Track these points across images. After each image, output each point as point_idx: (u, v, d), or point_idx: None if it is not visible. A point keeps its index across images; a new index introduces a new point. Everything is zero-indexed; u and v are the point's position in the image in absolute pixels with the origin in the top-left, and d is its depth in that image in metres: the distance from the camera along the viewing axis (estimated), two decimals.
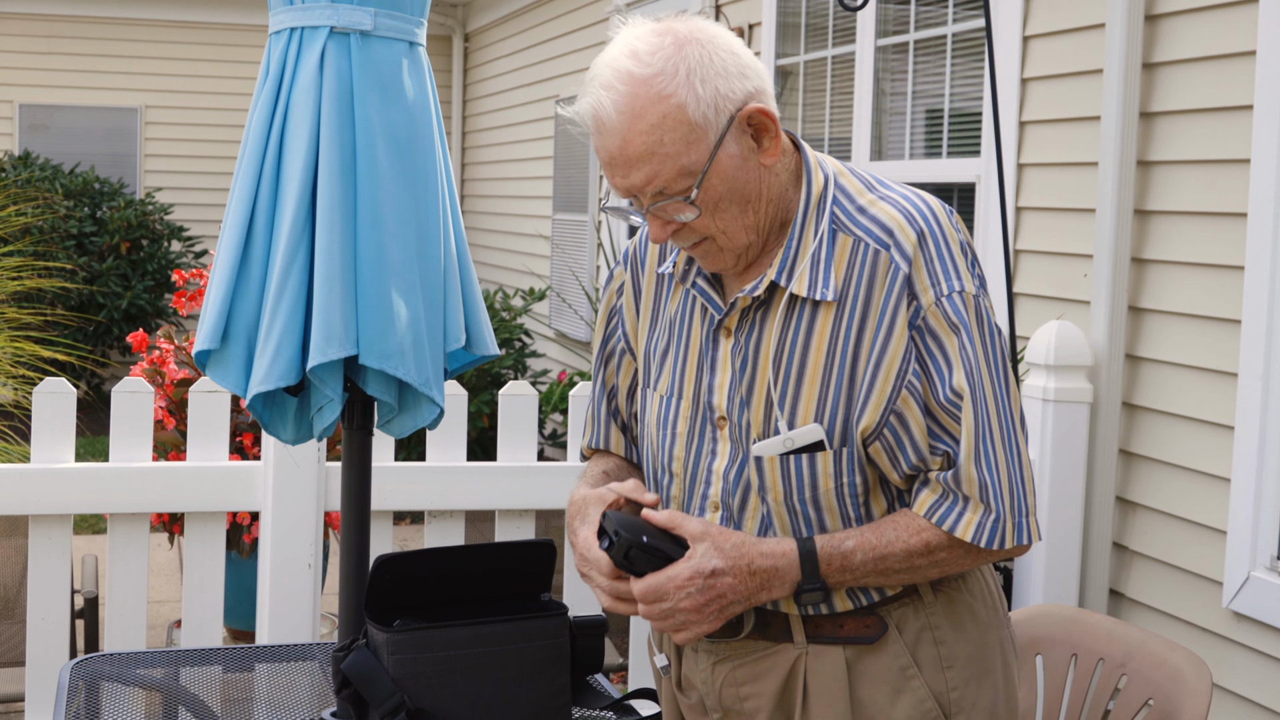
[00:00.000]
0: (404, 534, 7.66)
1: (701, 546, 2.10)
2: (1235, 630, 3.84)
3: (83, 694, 3.12)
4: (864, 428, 2.11)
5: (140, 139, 13.47)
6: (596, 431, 2.47)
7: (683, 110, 2.04)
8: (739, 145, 2.10)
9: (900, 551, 2.12)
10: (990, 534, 2.11)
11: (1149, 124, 4.24)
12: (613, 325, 2.41)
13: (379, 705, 2.74)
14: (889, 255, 2.10)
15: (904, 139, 5.81)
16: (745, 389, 2.17)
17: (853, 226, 2.14)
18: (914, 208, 2.14)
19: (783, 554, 2.12)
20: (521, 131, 11.37)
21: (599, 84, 2.07)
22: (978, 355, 2.10)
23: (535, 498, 4.44)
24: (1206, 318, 3.99)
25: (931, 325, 2.09)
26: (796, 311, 2.15)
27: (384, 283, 2.92)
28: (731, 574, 2.09)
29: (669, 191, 2.08)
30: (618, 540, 2.10)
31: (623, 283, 2.40)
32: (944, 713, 2.18)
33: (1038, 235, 4.75)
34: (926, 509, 2.12)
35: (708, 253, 2.16)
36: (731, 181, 2.10)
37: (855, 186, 2.19)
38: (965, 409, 2.09)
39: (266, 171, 2.97)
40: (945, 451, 2.11)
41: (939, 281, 2.10)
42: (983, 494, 2.10)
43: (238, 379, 2.96)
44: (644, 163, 2.06)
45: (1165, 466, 4.14)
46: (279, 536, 4.29)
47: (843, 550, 2.12)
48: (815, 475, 2.14)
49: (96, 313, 11.78)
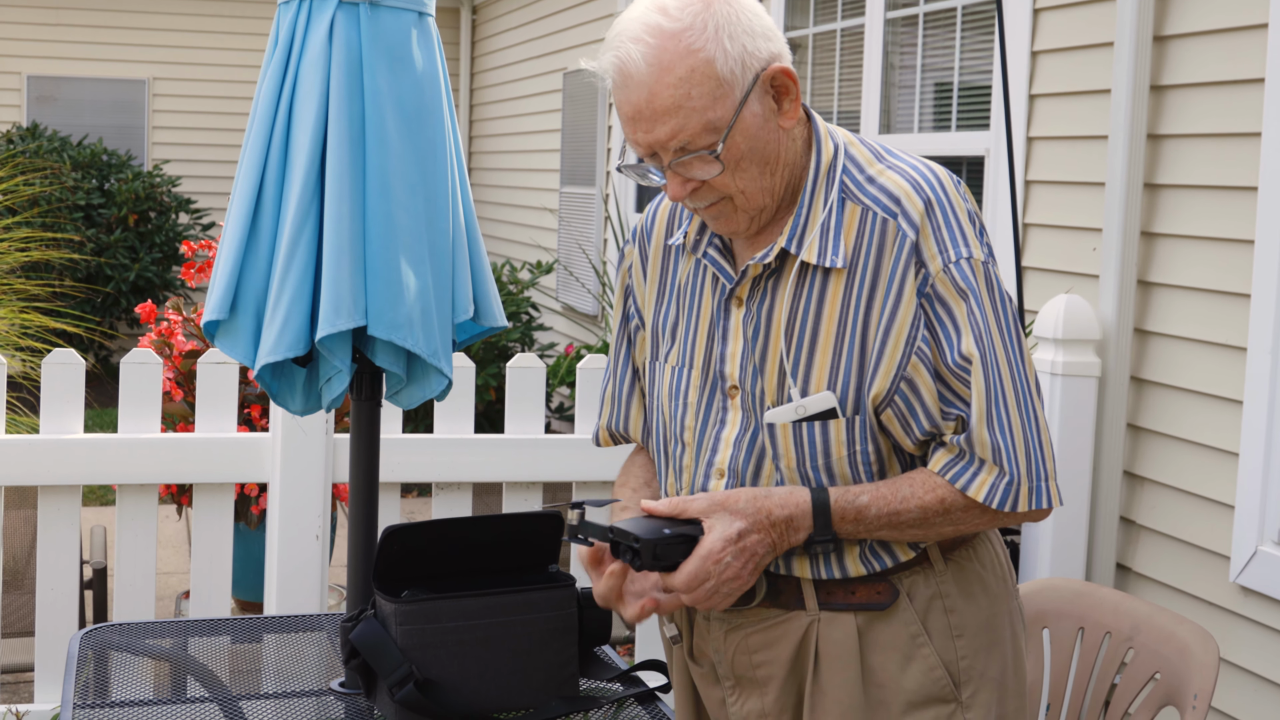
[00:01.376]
0: (411, 506, 7.67)
1: (716, 516, 2.10)
2: (1242, 604, 3.84)
3: (92, 663, 3.13)
4: (874, 395, 2.12)
5: (148, 111, 13.45)
6: (616, 412, 2.47)
7: (711, 65, 2.05)
8: (761, 105, 2.11)
9: (915, 507, 2.12)
10: (1003, 496, 2.11)
11: (1160, 97, 4.23)
12: (629, 303, 2.42)
13: (387, 675, 2.75)
14: (896, 224, 2.11)
15: (913, 112, 5.80)
16: (758, 357, 2.18)
17: (861, 195, 2.15)
18: (921, 176, 2.15)
19: (796, 504, 2.12)
20: (529, 104, 11.35)
21: (627, 37, 2.07)
22: (988, 320, 2.11)
23: (542, 470, 4.45)
24: (1216, 292, 3.98)
25: (940, 291, 2.10)
26: (808, 279, 2.15)
27: (393, 253, 2.92)
28: (756, 529, 2.10)
29: (692, 147, 2.08)
30: (641, 545, 2.10)
31: (632, 261, 2.41)
32: (953, 681, 2.19)
33: (1047, 209, 4.74)
34: (942, 466, 2.13)
35: (722, 213, 2.16)
36: (753, 140, 2.10)
37: (864, 156, 2.20)
38: (975, 373, 2.10)
39: (275, 142, 2.97)
40: (958, 416, 2.12)
41: (946, 248, 2.11)
42: (995, 457, 2.10)
43: (246, 350, 2.96)
44: (670, 116, 2.06)
45: (1173, 441, 4.13)
46: (287, 508, 4.30)
47: (857, 504, 2.13)
48: (828, 443, 2.15)
49: (104, 285, 11.78)
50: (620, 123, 2.14)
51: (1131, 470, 4.28)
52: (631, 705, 2.92)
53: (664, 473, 2.34)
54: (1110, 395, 4.26)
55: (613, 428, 2.48)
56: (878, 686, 2.19)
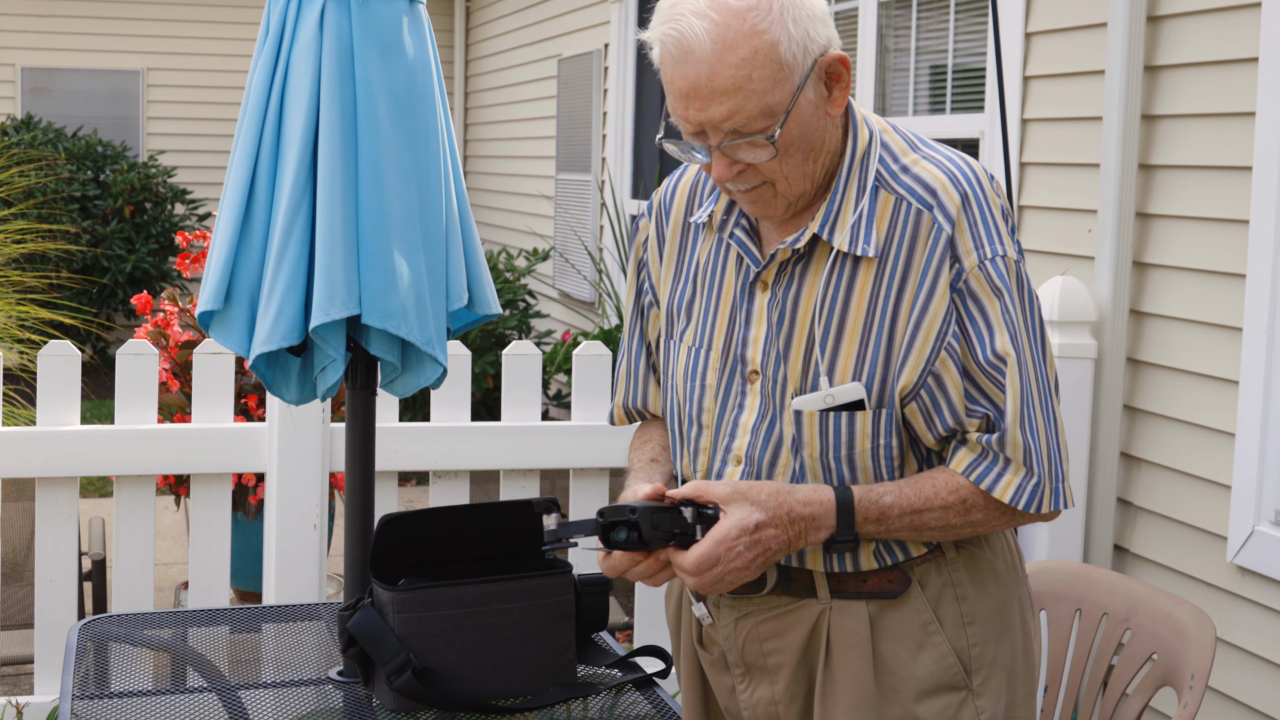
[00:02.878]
0: (409, 495, 7.68)
1: (735, 504, 2.08)
2: (1239, 585, 3.84)
3: (91, 654, 3.13)
4: (901, 387, 2.10)
5: (142, 101, 13.43)
6: (633, 388, 2.44)
7: (775, 48, 2.02)
8: (815, 92, 2.08)
9: (937, 508, 2.11)
10: (1030, 497, 2.11)
11: (1154, 78, 4.23)
12: (642, 278, 2.39)
13: (385, 663, 2.75)
14: (932, 215, 2.09)
15: (908, 95, 5.79)
16: (783, 343, 2.16)
17: (895, 184, 2.13)
18: (958, 169, 2.13)
19: (820, 502, 2.10)
20: (524, 91, 11.33)
21: (689, 9, 2.02)
22: (1019, 319, 2.10)
23: (539, 457, 4.45)
24: (1211, 272, 3.98)
25: (974, 288, 2.09)
26: (838, 267, 2.13)
27: (386, 242, 2.92)
28: (773, 524, 2.08)
29: (747, 130, 2.04)
30: (639, 513, 2.07)
31: (648, 235, 2.38)
32: (965, 669, 2.18)
33: (1042, 191, 4.74)
34: (965, 466, 2.12)
35: (761, 198, 2.14)
36: (804, 127, 2.08)
37: (899, 144, 2.17)
38: (1010, 373, 2.08)
39: (267, 131, 2.96)
40: (984, 414, 2.10)
41: (983, 244, 2.09)
42: (1026, 457, 2.10)
43: (241, 339, 2.96)
44: (728, 97, 2.02)
45: (1170, 422, 4.14)
46: (284, 497, 4.31)
47: (881, 504, 2.11)
48: (854, 434, 2.13)
49: (100, 276, 11.77)
50: (669, 97, 2.08)
51: (1128, 452, 4.28)
52: (630, 691, 2.92)
53: (678, 452, 2.31)
54: (1107, 377, 4.26)
55: (630, 404, 2.44)
56: (889, 674, 2.19)
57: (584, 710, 2.85)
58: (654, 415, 2.45)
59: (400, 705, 2.77)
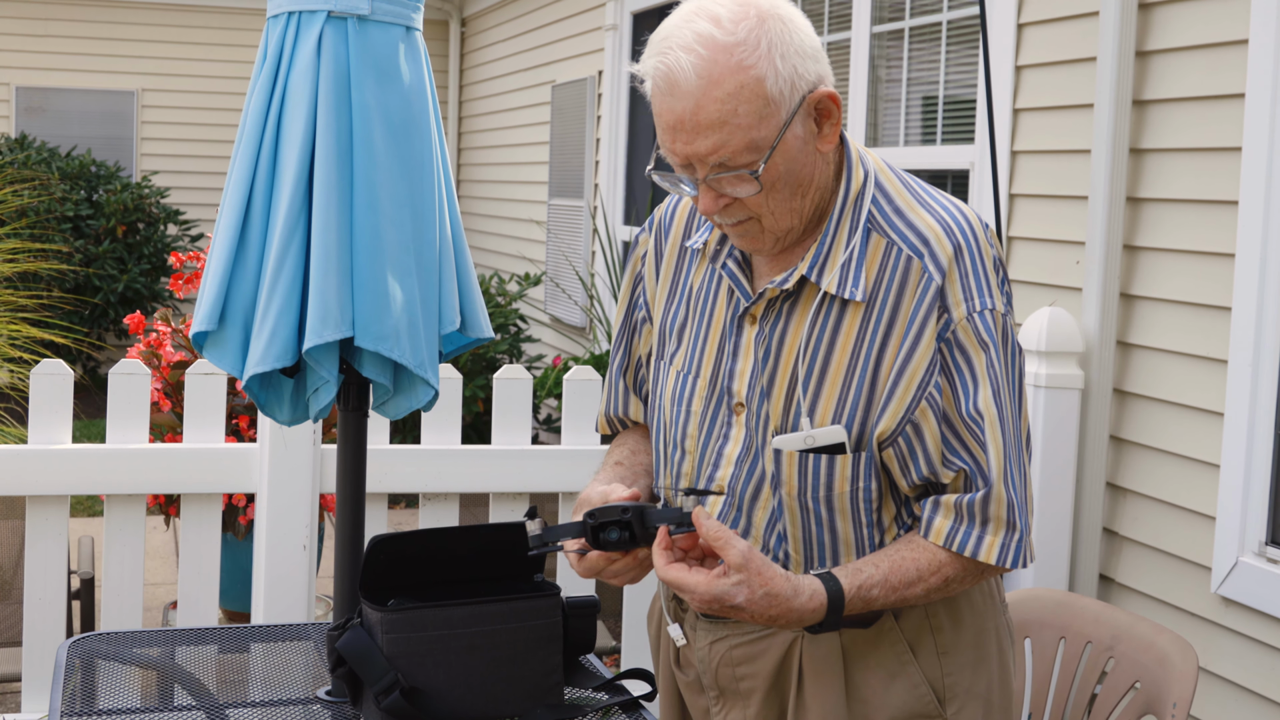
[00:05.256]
0: (398, 518, 7.69)
1: (735, 578, 2.04)
2: (1223, 615, 3.86)
3: (79, 672, 3.14)
4: (879, 433, 2.11)
5: (137, 122, 13.46)
6: (615, 399, 2.45)
7: (761, 83, 2.02)
8: (803, 128, 2.08)
9: (920, 591, 2.13)
10: (1015, 554, 2.12)
11: (1142, 111, 4.26)
12: (637, 294, 2.40)
13: (373, 684, 2.76)
14: (922, 264, 2.09)
15: (899, 126, 5.83)
16: (767, 380, 2.17)
17: (888, 229, 2.13)
18: (952, 219, 2.13)
19: (813, 609, 2.08)
20: (518, 117, 11.37)
21: (677, 44, 2.03)
22: (1002, 375, 2.11)
23: (529, 480, 4.46)
24: (1197, 305, 4.01)
25: (960, 340, 2.09)
26: (825, 309, 2.13)
27: (380, 265, 2.94)
28: (748, 611, 2.06)
29: (732, 164, 2.04)
30: (632, 511, 2.06)
31: (646, 251, 2.38)
32: (938, 699, 2.19)
33: (1031, 222, 4.78)
34: (944, 538, 2.12)
35: (748, 232, 2.14)
36: (791, 163, 2.08)
37: (895, 187, 2.17)
38: (991, 429, 2.09)
39: (264, 154, 2.99)
40: (961, 469, 2.10)
41: (972, 297, 2.10)
42: (1009, 513, 2.10)
43: (234, 360, 2.98)
44: (713, 131, 2.02)
45: (1155, 452, 4.16)
46: (275, 518, 4.32)
47: (867, 599, 2.10)
48: (832, 476, 2.13)
49: (93, 296, 11.78)
50: (658, 129, 2.10)
51: (1114, 481, 4.31)
52: (616, 714, 2.93)
53: (661, 472, 2.32)
54: (1093, 407, 4.29)
55: (612, 413, 2.45)
56: (861, 703, 2.20)
57: None
58: (635, 423, 2.46)
59: None
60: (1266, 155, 3.72)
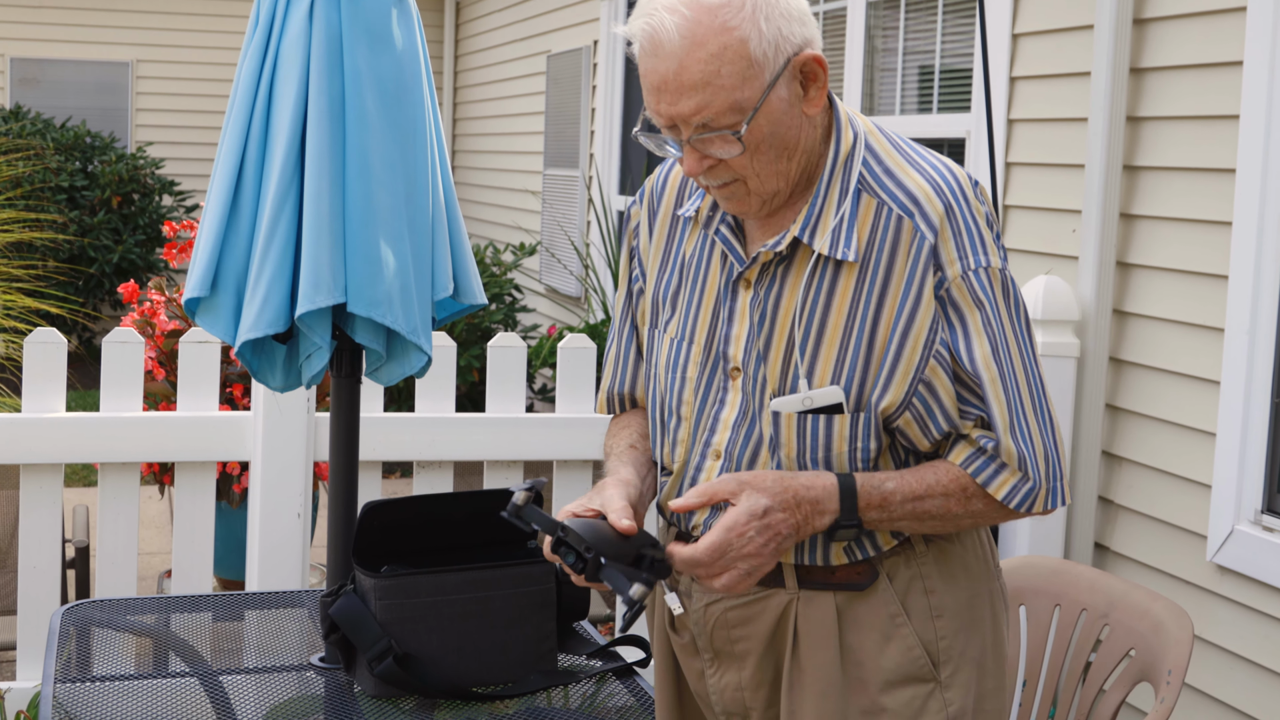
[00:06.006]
0: (392, 488, 7.68)
1: (743, 494, 2.07)
2: (1219, 583, 3.86)
3: (74, 640, 3.14)
4: (892, 399, 2.11)
5: (131, 93, 13.42)
6: (621, 374, 2.44)
7: (744, 45, 2.03)
8: (788, 90, 2.08)
9: (939, 495, 2.12)
10: (1023, 499, 2.13)
11: (1139, 80, 4.25)
12: (634, 265, 2.40)
13: (366, 649, 2.76)
14: (914, 223, 2.09)
15: (895, 95, 5.81)
16: (763, 343, 2.17)
17: (878, 189, 2.13)
18: (941, 178, 2.13)
19: (823, 486, 2.10)
20: (513, 86, 11.34)
21: (662, 5, 2.04)
22: (1004, 328, 2.11)
23: (524, 449, 4.46)
24: (1194, 273, 4.00)
25: (955, 297, 2.10)
26: (819, 270, 2.14)
27: (372, 231, 2.93)
28: (781, 508, 2.07)
29: (715, 125, 2.05)
30: (592, 554, 2.05)
31: (639, 222, 2.38)
32: (932, 661, 2.20)
33: (1027, 190, 4.76)
34: (964, 459, 2.13)
35: (734, 194, 2.14)
36: (776, 125, 2.08)
37: (884, 148, 2.17)
38: (992, 385, 2.10)
39: (256, 120, 2.97)
40: (978, 415, 2.12)
41: (965, 255, 2.10)
42: (1021, 464, 2.12)
43: (227, 327, 2.97)
44: (696, 91, 2.03)
45: (1151, 421, 4.16)
46: (269, 486, 4.31)
47: (883, 490, 2.11)
48: (830, 437, 2.14)
49: (87, 266, 11.76)
50: (643, 90, 2.10)
51: (1110, 450, 4.31)
52: (610, 680, 2.94)
53: (659, 442, 2.32)
54: (1089, 376, 4.28)
55: (618, 390, 2.43)
56: (856, 665, 2.20)
57: (565, 699, 2.87)
58: (637, 404, 2.46)
59: (381, 691, 2.78)
60: (1264, 123, 3.71)
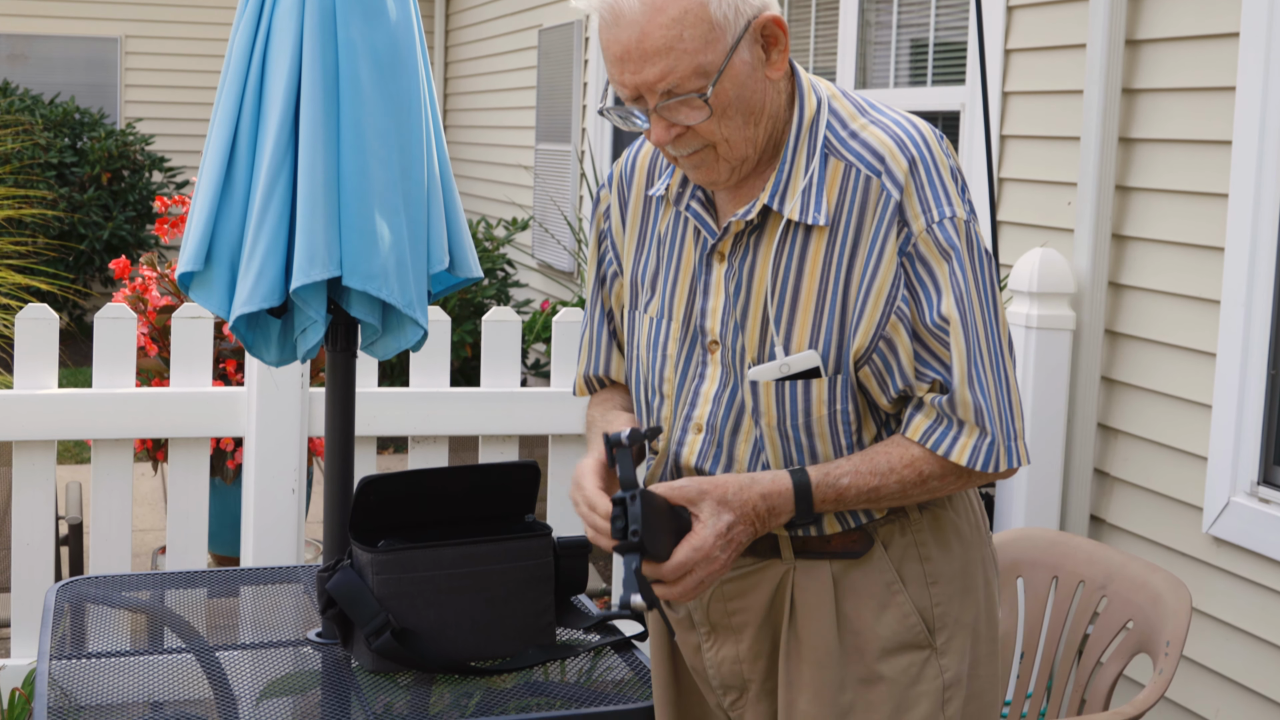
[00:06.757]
0: (386, 463, 7.67)
1: (706, 505, 2.09)
2: (1215, 555, 3.87)
3: (69, 616, 3.13)
4: (854, 351, 2.12)
5: (120, 69, 13.36)
6: (595, 357, 2.45)
7: (704, 8, 2.03)
8: (750, 53, 2.09)
9: (894, 483, 2.13)
10: (986, 457, 2.12)
11: (1135, 52, 4.23)
12: (604, 249, 2.41)
13: (364, 625, 2.75)
14: (880, 182, 2.10)
15: (889, 68, 5.79)
16: (739, 313, 2.17)
17: (844, 151, 2.14)
18: (904, 133, 2.13)
19: (779, 492, 2.12)
20: (504, 61, 11.30)
21: None
22: (968, 281, 2.11)
23: (518, 423, 4.45)
24: (1190, 245, 3.99)
25: (922, 252, 2.10)
26: (790, 237, 2.14)
27: (367, 204, 2.91)
28: (741, 521, 2.10)
29: (680, 90, 2.06)
30: (629, 539, 2.02)
31: (609, 205, 2.39)
32: (928, 628, 2.20)
33: (1022, 163, 4.75)
34: (921, 434, 2.13)
35: (703, 162, 2.15)
36: (741, 88, 2.09)
37: (848, 110, 2.18)
38: (955, 335, 2.10)
39: (249, 92, 2.95)
40: (934, 379, 2.12)
41: (930, 208, 2.10)
42: (977, 417, 2.11)
43: (221, 301, 2.95)
44: (660, 58, 2.04)
45: (1147, 393, 4.15)
46: (263, 461, 4.30)
47: (838, 486, 2.13)
48: (810, 401, 2.14)
49: (78, 243, 11.72)
50: (606, 63, 2.11)
51: (1105, 423, 4.30)
52: (608, 654, 2.93)
53: (644, 421, 2.33)
54: (1084, 348, 4.27)
55: (593, 373, 2.45)
56: (853, 633, 2.20)
57: (562, 673, 2.86)
58: (615, 383, 2.46)
59: (379, 666, 2.78)
60: (1260, 95, 3.70)
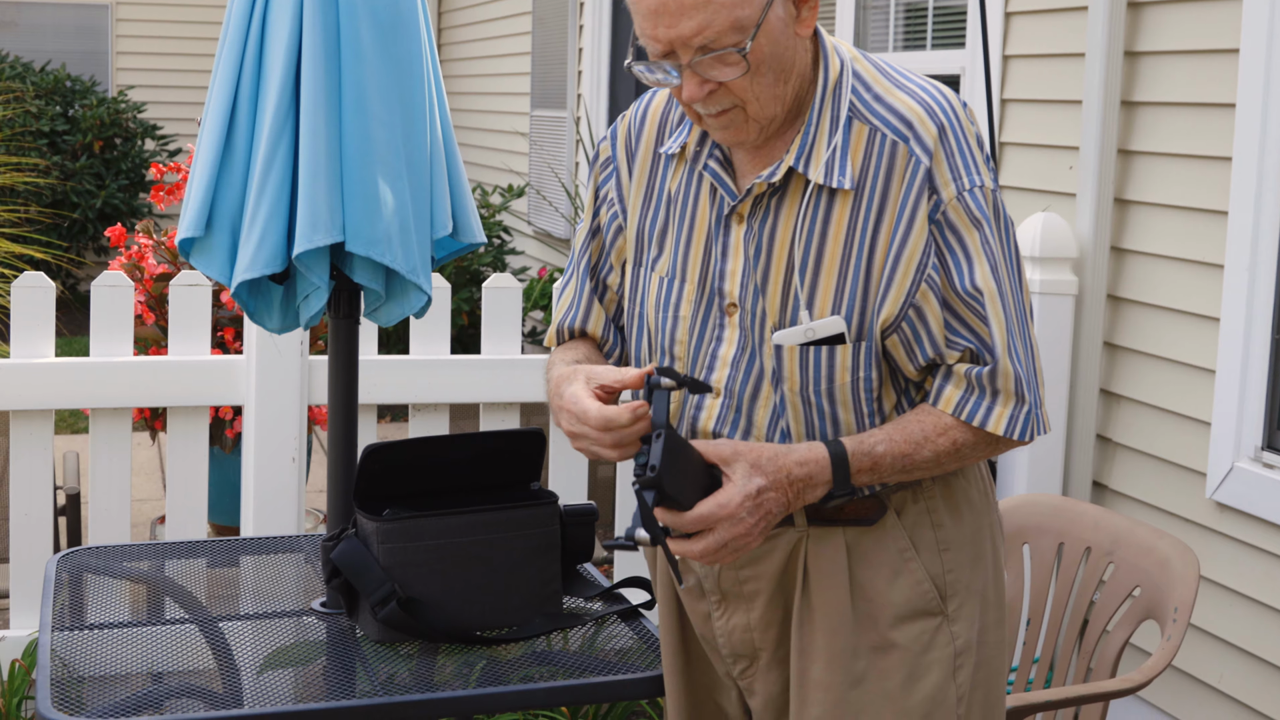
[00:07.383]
0: (385, 432, 7.65)
1: (739, 467, 2.06)
2: (1218, 520, 3.86)
3: (69, 587, 3.11)
4: (882, 320, 2.10)
5: (111, 36, 13.29)
6: (576, 308, 2.41)
7: None
8: (784, 9, 2.07)
9: (929, 453, 2.13)
10: (1024, 426, 2.13)
11: (1137, 14, 4.20)
12: (600, 201, 2.38)
13: (369, 594, 2.74)
14: (908, 148, 2.08)
15: (887, 30, 5.76)
16: (760, 277, 2.15)
17: (869, 115, 2.12)
18: (933, 100, 2.12)
19: (815, 460, 2.10)
20: (499, 27, 11.24)
21: None
22: (998, 251, 2.11)
23: (519, 390, 4.43)
24: (1193, 209, 3.97)
25: (952, 219, 2.08)
26: (814, 200, 2.12)
27: (370, 168, 2.88)
28: (774, 488, 2.07)
29: (717, 45, 2.03)
30: (647, 474, 1.98)
31: (610, 159, 2.36)
32: (940, 595, 2.20)
33: (1023, 128, 4.72)
34: (954, 406, 2.12)
35: (732, 122, 2.12)
36: (775, 45, 2.06)
37: (871, 73, 2.16)
38: (993, 305, 2.09)
39: (249, 55, 2.92)
40: (966, 347, 2.11)
41: (960, 176, 2.09)
42: (1017, 386, 2.12)
43: (222, 267, 2.92)
44: (697, 11, 2.00)
45: (1150, 358, 4.14)
46: (263, 430, 4.28)
47: (873, 455, 2.11)
48: (833, 368, 2.13)
49: (71, 212, 11.67)
50: (636, 17, 2.07)
51: (1108, 388, 4.29)
52: (614, 622, 2.92)
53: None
54: (1087, 313, 4.26)
55: (571, 324, 2.40)
56: (866, 600, 2.20)
57: (565, 641, 2.85)
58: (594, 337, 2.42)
59: (385, 636, 2.76)
60: (1264, 59, 3.67)
